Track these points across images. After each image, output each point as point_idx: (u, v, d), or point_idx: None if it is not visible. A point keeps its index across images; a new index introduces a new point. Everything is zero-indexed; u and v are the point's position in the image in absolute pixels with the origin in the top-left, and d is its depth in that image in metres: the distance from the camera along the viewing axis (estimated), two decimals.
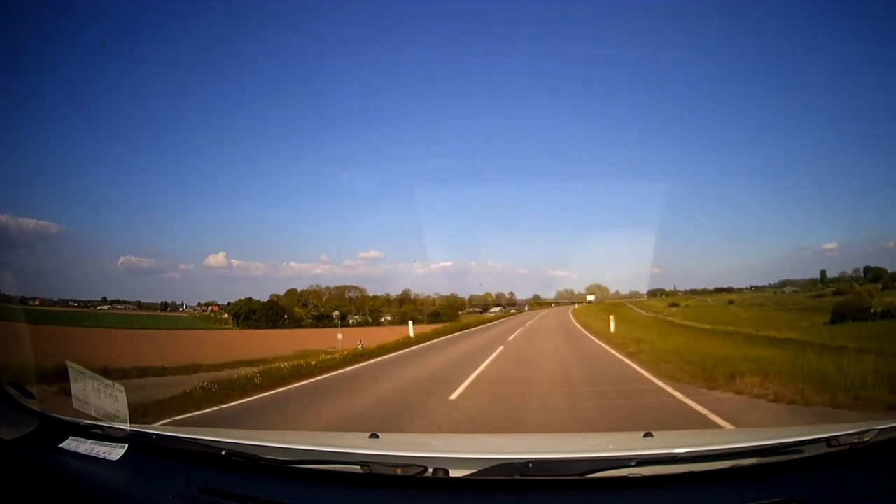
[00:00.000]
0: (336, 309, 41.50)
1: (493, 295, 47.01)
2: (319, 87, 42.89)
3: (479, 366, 11.62)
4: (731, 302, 39.39)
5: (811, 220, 49.00)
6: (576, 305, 44.74)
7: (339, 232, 53.37)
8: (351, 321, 41.73)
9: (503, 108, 44.94)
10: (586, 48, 31.58)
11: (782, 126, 43.51)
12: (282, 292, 42.34)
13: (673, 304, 40.87)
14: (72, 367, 2.32)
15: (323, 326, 38.57)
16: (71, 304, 35.32)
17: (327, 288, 44.35)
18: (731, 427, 5.40)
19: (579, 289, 48.17)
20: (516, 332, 22.47)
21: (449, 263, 47.36)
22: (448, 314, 43.33)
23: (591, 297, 45.48)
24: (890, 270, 34.08)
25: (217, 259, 42.76)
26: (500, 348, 15.79)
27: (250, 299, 39.81)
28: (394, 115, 45.43)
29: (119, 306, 38.14)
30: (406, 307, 43.77)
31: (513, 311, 45.73)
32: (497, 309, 45.78)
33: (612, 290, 45.94)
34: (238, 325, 38.44)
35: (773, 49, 35.23)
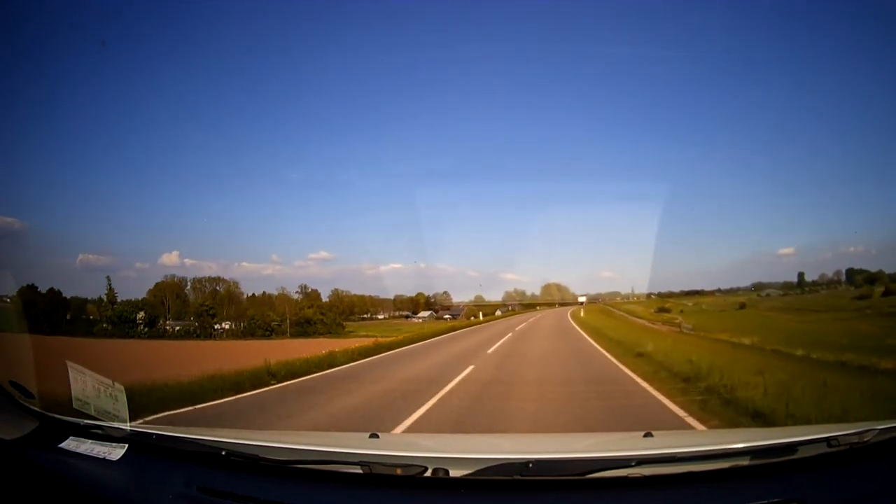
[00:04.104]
0: (142, 309, 29.98)
1: (427, 295, 39.25)
2: (277, 87, 41.79)
3: None
4: (742, 306, 35.17)
5: (768, 226, 48.12)
6: (581, 313, 35.85)
7: (290, 232, 52.15)
8: (169, 327, 30.61)
9: (470, 108, 43.68)
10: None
11: (740, 133, 42.61)
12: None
13: (662, 310, 36.35)
14: (72, 367, 2.32)
15: (121, 335, 27.88)
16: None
17: (183, 279, 33.30)
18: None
19: (532, 290, 41.80)
20: None
21: (398, 265, 44.22)
22: (327, 322, 30.91)
23: (582, 299, 39.75)
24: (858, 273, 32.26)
25: (171, 258, 40.57)
26: None
27: (31, 287, 28.44)
28: (347, 114, 43.78)
29: None
30: (253, 311, 31.59)
31: (447, 316, 36.77)
32: (426, 314, 38.11)
33: (571, 292, 40.49)
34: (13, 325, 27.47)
35: (765, 52, 34.82)
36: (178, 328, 30.63)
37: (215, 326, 30.72)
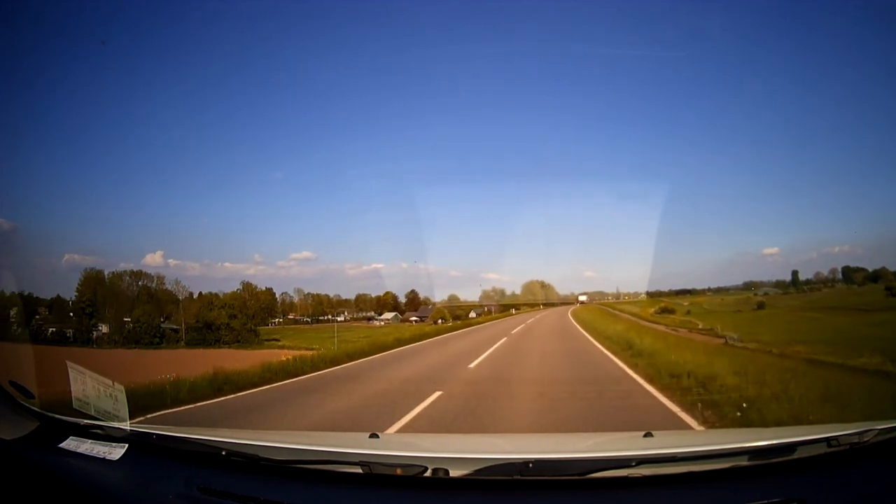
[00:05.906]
0: (14, 305, 22.29)
1: (394, 294, 37.18)
2: (260, 87, 41.54)
3: None
4: (761, 305, 32.56)
5: (754, 226, 48.27)
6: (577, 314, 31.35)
7: (273, 232, 52.14)
8: (44, 328, 24.94)
9: (466, 108, 43.35)
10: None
11: (732, 134, 42.46)
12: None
13: (665, 310, 33.82)
14: (72, 367, 2.32)
15: None
16: None
17: (100, 272, 27.82)
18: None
19: (513, 289, 40.41)
20: None
21: (381, 265, 44.01)
22: (236, 327, 24.35)
23: (583, 298, 39.15)
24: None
25: (155, 258, 39.66)
26: None
27: None
28: (337, 115, 43.54)
29: None
30: (140, 311, 25.00)
31: (413, 318, 34.83)
32: (390, 316, 35.90)
33: (557, 291, 39.55)
34: None
35: (764, 54, 34.76)
36: (51, 330, 25.62)
37: (92, 330, 25.61)
